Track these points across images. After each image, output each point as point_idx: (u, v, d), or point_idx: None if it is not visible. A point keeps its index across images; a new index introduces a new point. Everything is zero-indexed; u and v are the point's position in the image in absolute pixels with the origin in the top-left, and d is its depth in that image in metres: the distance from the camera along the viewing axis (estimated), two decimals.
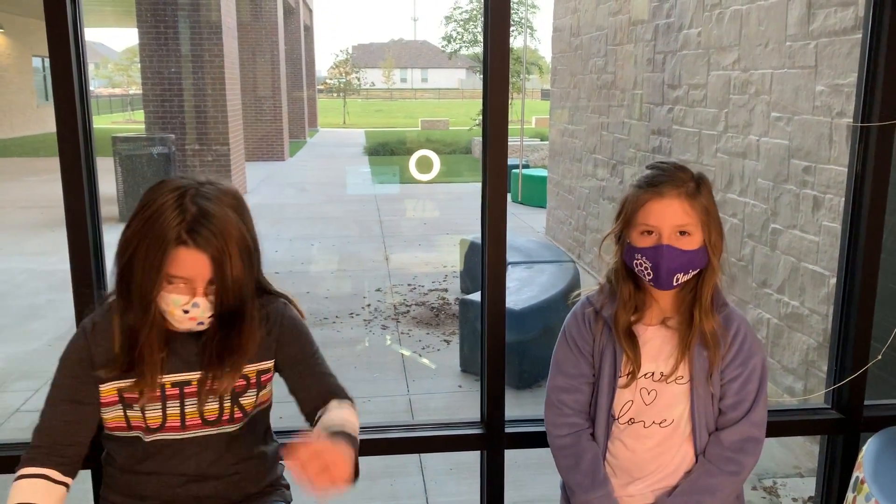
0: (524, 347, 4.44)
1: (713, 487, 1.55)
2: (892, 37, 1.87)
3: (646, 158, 6.08)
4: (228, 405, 1.48)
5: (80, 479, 1.54)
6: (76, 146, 1.70)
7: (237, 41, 12.72)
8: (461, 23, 24.72)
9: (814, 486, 2.28)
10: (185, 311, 1.35)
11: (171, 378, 1.44)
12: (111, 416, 1.45)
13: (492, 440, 1.95)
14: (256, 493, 1.57)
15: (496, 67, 1.79)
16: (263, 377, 1.51)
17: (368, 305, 6.15)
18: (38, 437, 1.42)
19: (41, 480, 1.38)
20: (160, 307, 1.36)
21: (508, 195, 1.87)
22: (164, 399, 1.44)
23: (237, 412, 1.49)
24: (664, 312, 1.60)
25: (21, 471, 1.40)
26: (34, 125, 21.69)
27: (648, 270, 1.52)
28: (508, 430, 1.96)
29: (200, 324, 1.39)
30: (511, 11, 1.78)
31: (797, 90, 3.86)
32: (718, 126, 4.76)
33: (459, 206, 11.10)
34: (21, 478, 1.39)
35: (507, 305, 1.93)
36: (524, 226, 9.73)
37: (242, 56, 14.37)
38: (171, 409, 1.44)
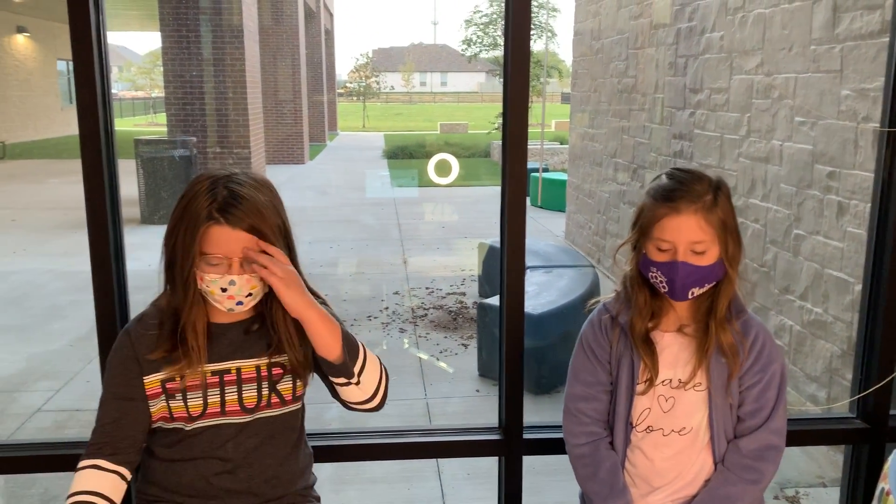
0: (543, 352, 4.42)
1: (733, 496, 1.53)
2: None
3: (667, 163, 6.04)
4: (266, 392, 1.52)
5: None
6: (98, 149, 1.72)
7: (258, 45, 12.81)
8: (481, 26, 24.71)
9: (837, 497, 2.24)
10: (224, 290, 1.41)
11: (212, 367, 1.48)
12: (156, 409, 1.50)
13: (510, 446, 1.94)
14: (287, 496, 1.58)
15: (516, 71, 1.78)
16: (301, 365, 1.53)
17: (386, 308, 6.15)
18: (93, 436, 1.48)
19: (92, 470, 1.44)
20: (202, 290, 1.42)
21: (528, 199, 1.86)
22: (205, 387, 1.48)
23: (274, 398, 1.53)
24: (681, 320, 1.58)
25: (77, 466, 1.46)
26: (58, 128, 21.95)
27: (664, 284, 1.51)
28: (527, 436, 1.94)
29: (240, 304, 1.43)
30: (532, 15, 1.78)
31: (822, 94, 3.82)
32: (741, 130, 4.71)
33: (478, 210, 11.08)
34: (76, 472, 1.45)
35: (526, 310, 1.92)
36: (543, 230, 9.69)
37: (263, 60, 14.47)
38: (212, 398, 1.49)
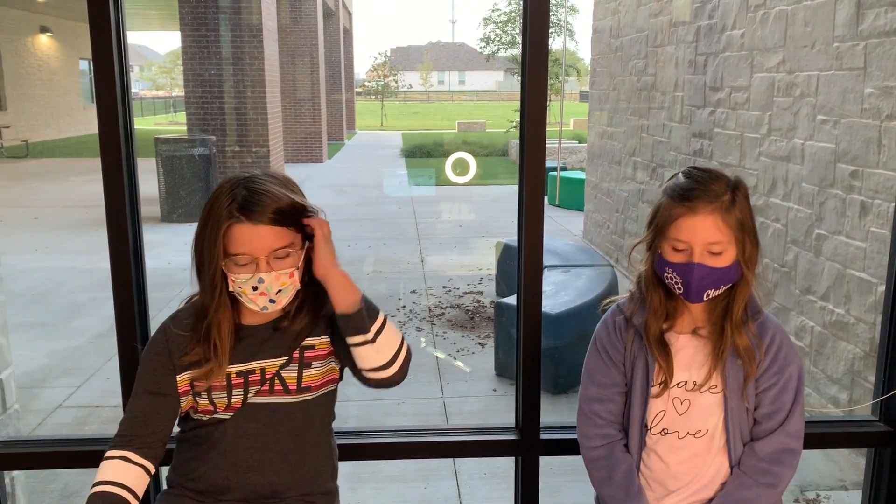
0: (560, 352, 4.40)
1: (749, 500, 1.51)
2: None
3: (686, 161, 5.99)
4: (295, 374, 1.52)
5: None
6: (117, 147, 1.73)
7: (277, 44, 12.87)
8: (499, 25, 24.69)
9: (859, 501, 2.21)
10: (255, 288, 1.42)
11: (237, 367, 1.50)
12: (184, 404, 1.53)
13: (527, 446, 1.93)
14: (310, 496, 1.58)
15: (535, 69, 1.77)
16: (321, 351, 1.55)
17: (404, 307, 6.16)
18: (122, 427, 1.51)
19: (120, 461, 1.47)
20: (234, 292, 1.44)
21: (546, 198, 1.85)
22: (230, 388, 1.50)
23: (297, 383, 1.53)
24: (696, 321, 1.56)
25: (105, 455, 1.49)
26: (80, 126, 22.19)
27: (679, 285, 1.49)
28: (544, 437, 1.93)
29: (272, 301, 1.44)
30: (550, 13, 1.77)
31: (844, 92, 3.77)
32: (761, 129, 4.66)
33: (495, 209, 11.06)
34: (104, 461, 1.48)
35: (544, 309, 1.91)
36: (561, 229, 9.66)
37: (282, 59, 14.55)
38: (235, 397, 1.51)
